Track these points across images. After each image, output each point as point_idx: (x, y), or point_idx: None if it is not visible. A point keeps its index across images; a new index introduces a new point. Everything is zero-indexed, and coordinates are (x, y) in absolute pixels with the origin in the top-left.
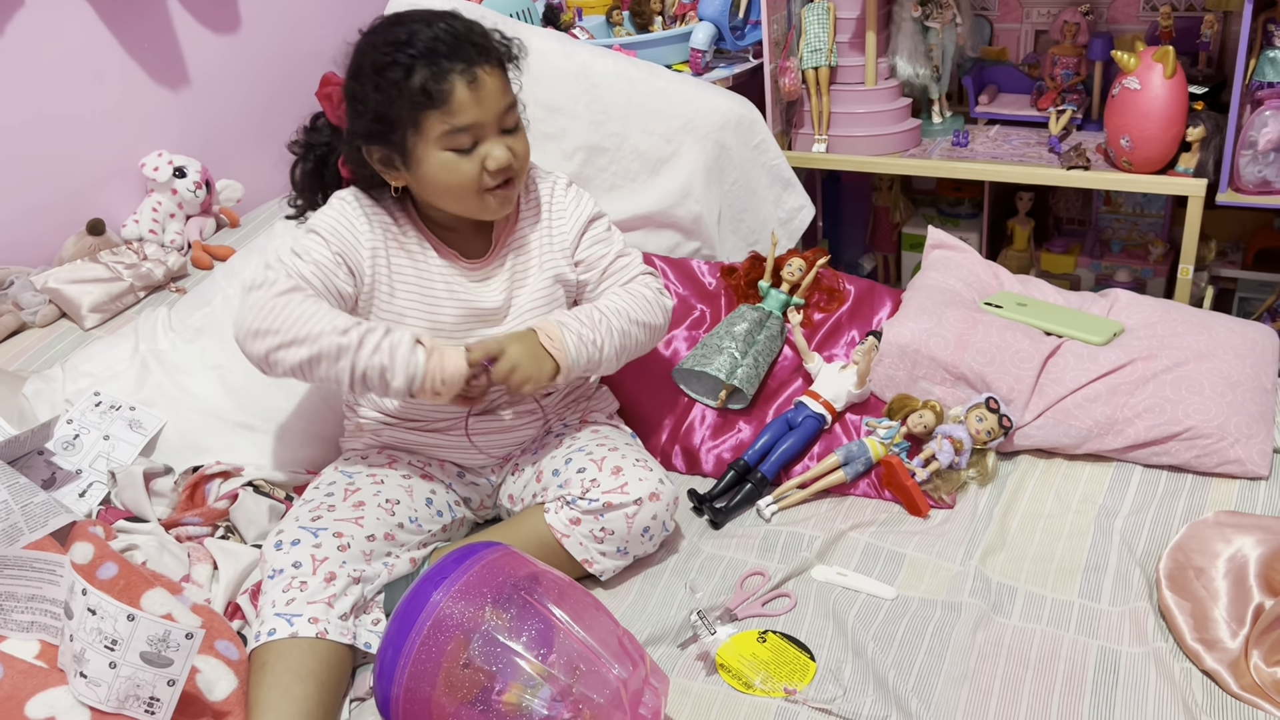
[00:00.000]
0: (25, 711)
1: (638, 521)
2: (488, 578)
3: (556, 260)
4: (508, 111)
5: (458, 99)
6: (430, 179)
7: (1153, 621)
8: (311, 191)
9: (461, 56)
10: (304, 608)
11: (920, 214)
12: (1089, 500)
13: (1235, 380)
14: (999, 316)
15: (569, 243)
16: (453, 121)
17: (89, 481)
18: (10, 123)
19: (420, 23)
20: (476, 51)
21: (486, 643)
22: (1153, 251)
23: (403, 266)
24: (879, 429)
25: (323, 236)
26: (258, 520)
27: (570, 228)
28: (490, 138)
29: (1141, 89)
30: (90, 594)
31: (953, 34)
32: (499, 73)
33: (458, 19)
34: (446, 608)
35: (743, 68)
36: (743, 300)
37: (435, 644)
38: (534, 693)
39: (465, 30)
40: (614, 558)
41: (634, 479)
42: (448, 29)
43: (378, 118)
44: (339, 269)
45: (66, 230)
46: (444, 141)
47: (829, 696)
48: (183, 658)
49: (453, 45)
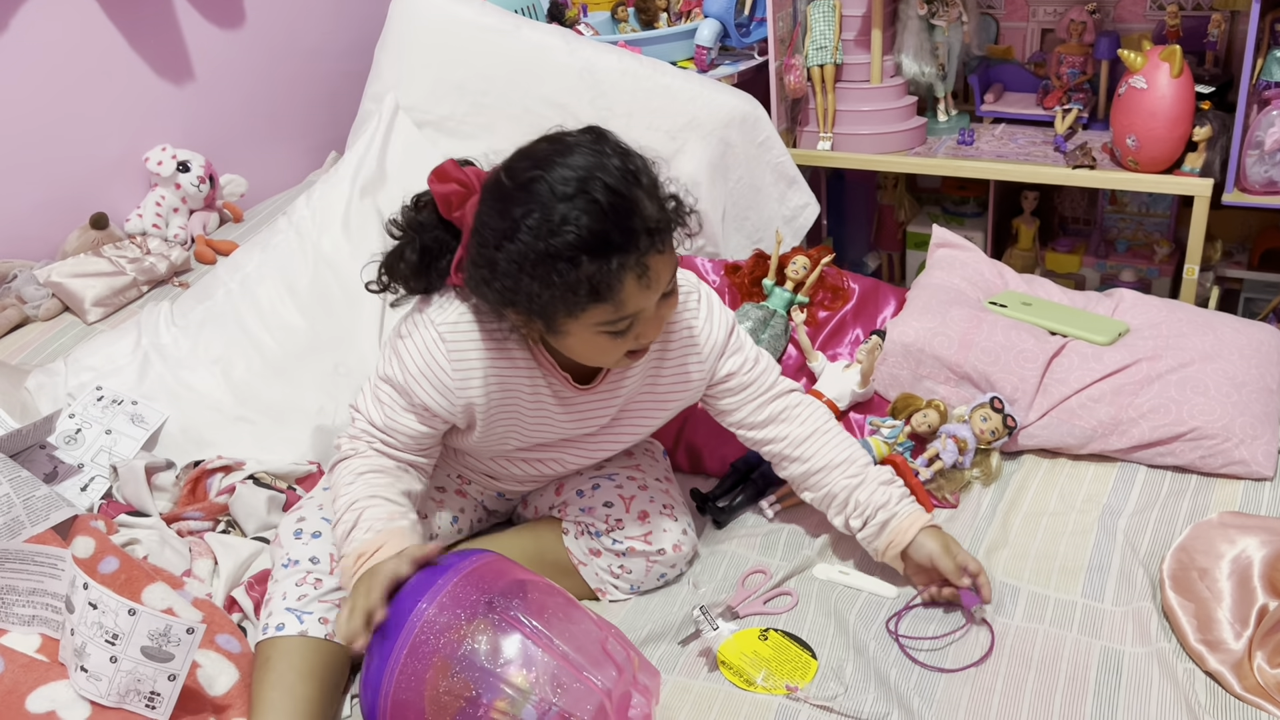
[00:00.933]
0: (26, 705)
1: (656, 569)
2: (470, 590)
3: (679, 394)
4: (671, 283)
5: (627, 293)
6: (573, 350)
7: (1156, 622)
8: (417, 285)
9: (634, 245)
10: (315, 606)
11: (925, 212)
12: (1093, 500)
13: (1241, 381)
14: (1004, 316)
15: (704, 377)
16: (619, 313)
17: (91, 475)
18: (15, 116)
19: (585, 197)
20: (649, 235)
21: (467, 664)
22: (1158, 251)
23: (497, 402)
24: (883, 428)
25: (407, 397)
26: (257, 512)
27: (709, 363)
28: (649, 318)
29: (1148, 88)
30: (91, 588)
31: (959, 32)
32: (669, 249)
33: (628, 185)
34: (430, 621)
35: (748, 65)
36: (747, 298)
37: (419, 658)
38: (518, 708)
39: (632, 207)
40: (626, 592)
41: (658, 529)
42: (616, 208)
43: (530, 299)
44: (429, 434)
45: (70, 224)
46: (602, 328)
47: (830, 694)
48: (184, 652)
49: (625, 231)
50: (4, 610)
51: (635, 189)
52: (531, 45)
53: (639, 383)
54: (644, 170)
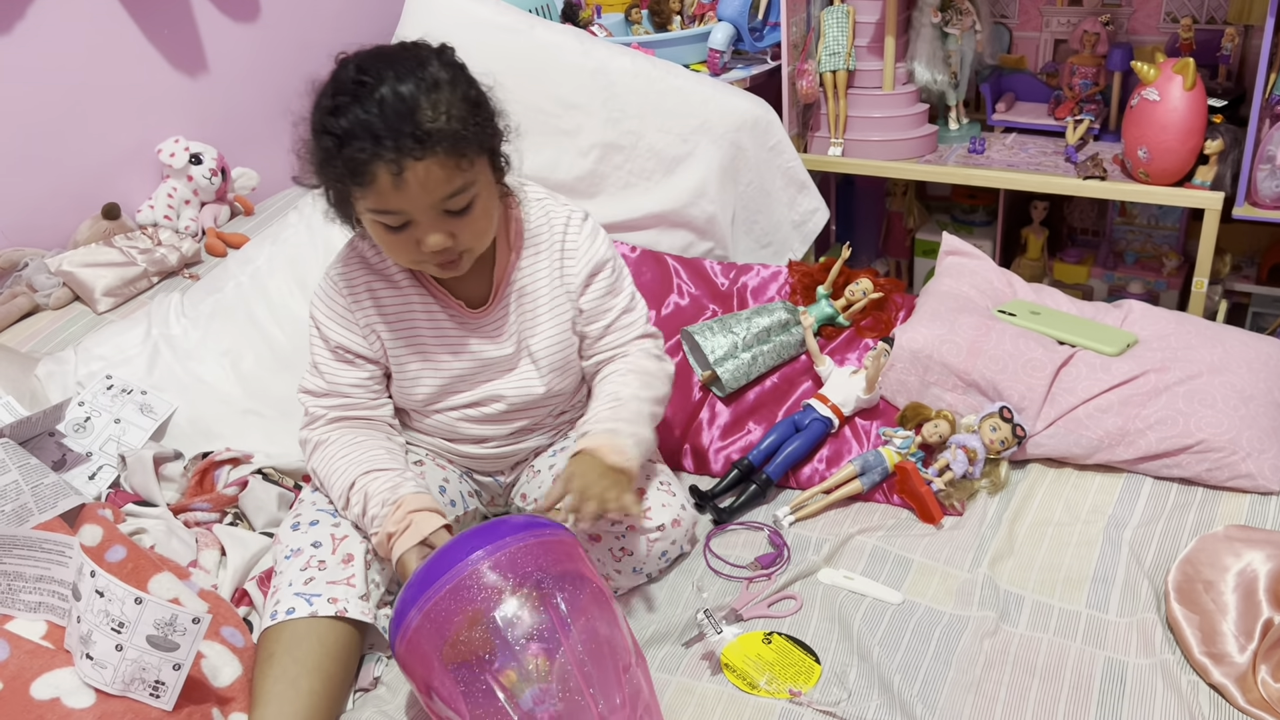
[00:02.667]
0: (31, 692)
1: (657, 547)
2: (530, 560)
3: (567, 305)
4: (452, 198)
5: (380, 187)
6: (377, 241)
7: (1160, 633)
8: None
9: (393, 145)
10: (323, 587)
11: (934, 220)
12: (1098, 510)
13: (1248, 395)
14: (1012, 324)
15: (576, 286)
16: (382, 205)
17: (99, 464)
18: (30, 106)
19: (369, 89)
20: (415, 140)
21: (494, 626)
22: (1167, 264)
23: (401, 335)
24: (895, 438)
25: (325, 342)
26: (266, 507)
27: (580, 269)
28: (424, 223)
29: (1160, 100)
30: (99, 576)
31: (972, 41)
32: (444, 161)
33: (418, 93)
34: (479, 571)
35: (760, 69)
36: (795, 296)
37: (456, 599)
38: (521, 689)
39: (410, 110)
40: (629, 576)
41: (657, 504)
42: (393, 107)
43: (319, 175)
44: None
45: (82, 214)
46: (376, 217)
47: (834, 699)
48: (189, 642)
49: (387, 129)
50: (11, 597)
51: (428, 95)
52: (545, 45)
53: (523, 300)
54: (458, 87)
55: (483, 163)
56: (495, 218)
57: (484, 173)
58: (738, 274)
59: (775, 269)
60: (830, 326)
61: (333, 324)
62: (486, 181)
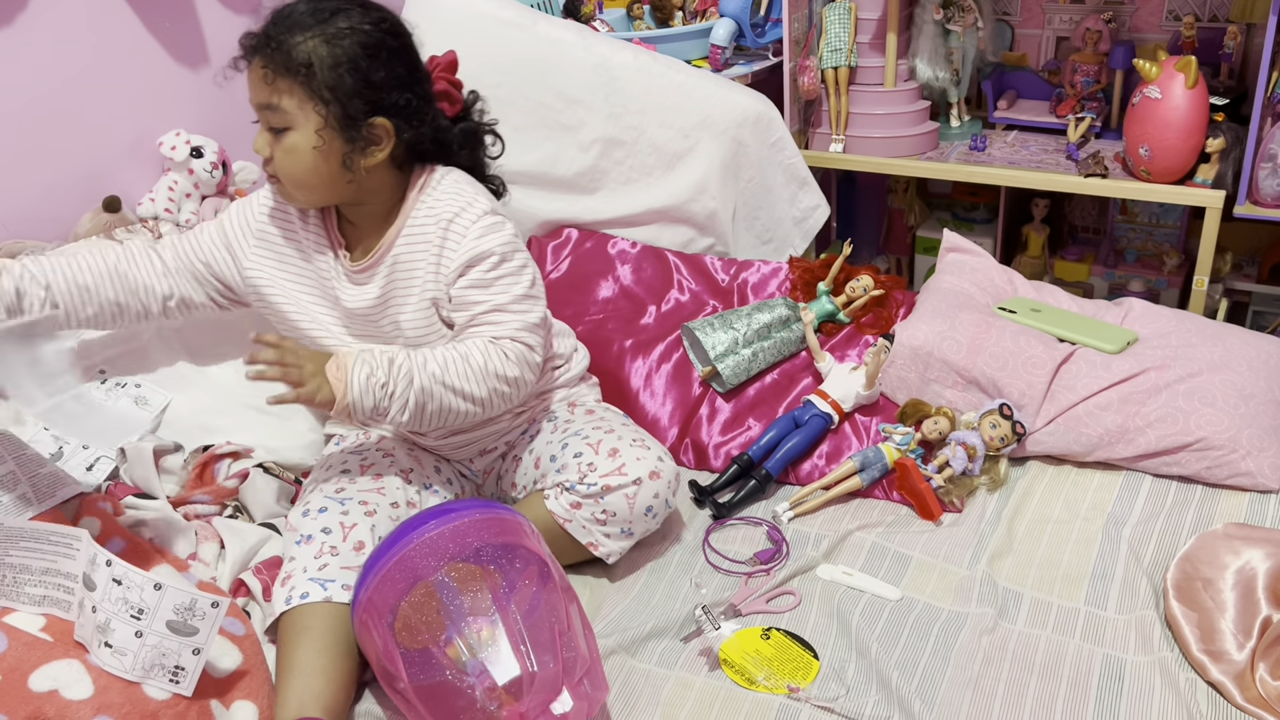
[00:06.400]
0: (28, 684)
1: (639, 501)
2: (471, 533)
3: (436, 288)
4: (265, 110)
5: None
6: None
7: (1159, 631)
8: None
9: (251, 40)
10: (338, 573)
11: (935, 217)
12: (1098, 508)
13: (1249, 393)
14: (1013, 321)
15: (449, 273)
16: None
17: (95, 456)
18: (30, 98)
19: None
20: (259, 42)
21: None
22: (1167, 262)
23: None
24: (895, 435)
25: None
26: (266, 500)
27: (458, 258)
28: (263, 124)
29: (1162, 98)
30: (115, 564)
31: (974, 38)
32: (263, 72)
33: (301, 15)
34: (425, 542)
35: (762, 65)
36: (796, 292)
37: (403, 570)
38: (465, 657)
39: (281, 20)
40: (618, 539)
41: (631, 459)
42: (279, 15)
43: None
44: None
45: (82, 207)
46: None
47: (832, 695)
48: (208, 627)
49: (263, 29)
50: (15, 589)
51: (305, 19)
52: (547, 40)
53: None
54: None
55: (309, 105)
56: (313, 166)
57: (308, 115)
58: (738, 270)
59: (776, 265)
60: (831, 323)
61: (235, 227)
62: (308, 124)
